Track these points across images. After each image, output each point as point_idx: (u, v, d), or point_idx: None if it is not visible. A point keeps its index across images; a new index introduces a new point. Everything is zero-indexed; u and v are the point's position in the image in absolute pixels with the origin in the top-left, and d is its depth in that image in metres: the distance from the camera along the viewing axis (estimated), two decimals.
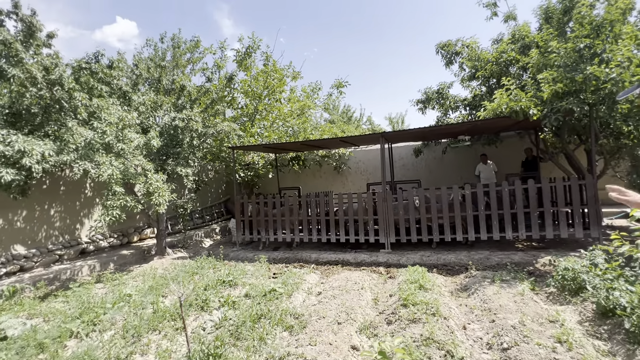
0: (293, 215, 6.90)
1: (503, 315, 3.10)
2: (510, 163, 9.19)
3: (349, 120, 21.91)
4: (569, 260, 3.78)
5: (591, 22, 4.84)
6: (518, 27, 7.15)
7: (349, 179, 11.31)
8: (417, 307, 3.26)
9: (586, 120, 5.36)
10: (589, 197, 5.26)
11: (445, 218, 5.81)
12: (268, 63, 10.36)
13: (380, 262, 5.57)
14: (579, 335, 2.68)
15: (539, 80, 5.08)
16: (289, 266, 5.75)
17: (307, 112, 11.34)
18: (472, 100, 7.74)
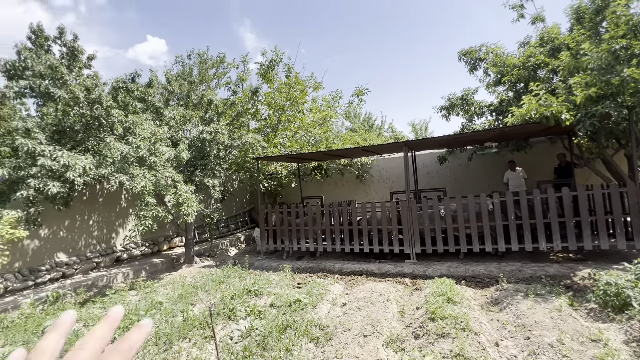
0: (316, 225, 6.94)
1: (539, 332, 2.94)
2: (541, 169, 8.78)
3: (371, 128, 21.83)
4: (612, 274, 3.54)
5: (628, 22, 4.60)
6: (547, 29, 6.92)
7: (372, 188, 11.23)
8: (445, 321, 3.16)
9: (625, 123, 5.05)
10: (631, 205, 4.92)
11: (473, 228, 5.63)
12: (290, 75, 10.60)
13: (406, 273, 5.46)
14: (625, 356, 2.50)
15: (571, 85, 4.86)
16: (312, 276, 5.76)
17: (329, 121, 11.44)
18: (499, 106, 7.52)
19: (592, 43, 4.90)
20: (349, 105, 12.37)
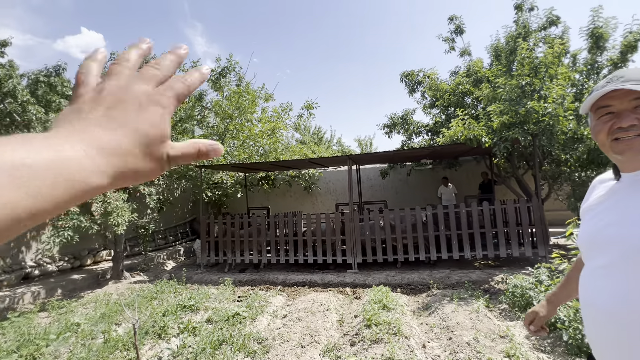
0: (261, 236, 6.82)
1: (459, 332, 3.24)
2: (469, 186, 9.80)
3: (320, 141, 22.34)
4: (519, 277, 4.06)
5: (530, 63, 5.47)
6: (472, 62, 7.89)
7: (319, 199, 11.42)
8: (380, 327, 3.32)
9: (531, 148, 5.93)
10: (535, 218, 5.73)
11: (409, 238, 6.03)
12: (241, 84, 10.47)
13: (347, 283, 5.61)
14: (525, 349, 2.86)
15: (489, 112, 5.59)
16: (255, 288, 5.62)
17: (278, 132, 11.47)
18: (434, 127, 8.29)
19: (506, 78, 5.71)
20: (299, 117, 12.56)
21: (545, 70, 5.35)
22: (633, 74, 0.85)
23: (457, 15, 8.13)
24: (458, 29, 8.17)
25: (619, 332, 0.82)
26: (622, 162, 0.90)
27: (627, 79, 0.85)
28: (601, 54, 6.47)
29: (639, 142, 0.84)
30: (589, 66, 6.41)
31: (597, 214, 0.95)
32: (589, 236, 0.96)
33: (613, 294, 0.84)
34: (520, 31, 7.03)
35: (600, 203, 0.96)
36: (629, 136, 0.85)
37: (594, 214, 0.97)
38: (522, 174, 7.16)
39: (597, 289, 0.90)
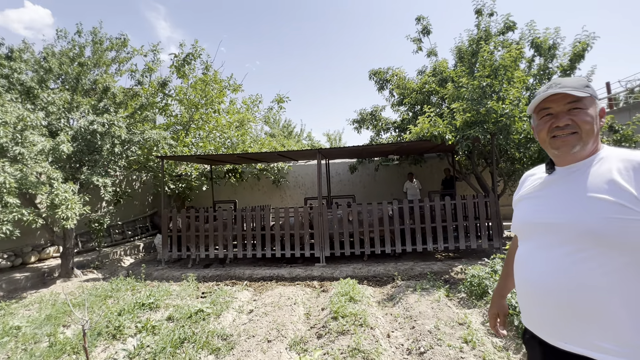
0: (227, 230, 6.62)
1: (422, 321, 3.37)
2: (433, 181, 10.22)
3: (290, 135, 22.14)
4: (476, 268, 4.30)
5: (490, 66, 5.77)
6: (438, 62, 8.16)
7: (288, 193, 11.33)
8: (346, 319, 3.36)
9: (489, 146, 6.29)
10: (492, 212, 6.11)
11: (376, 232, 6.17)
12: (208, 73, 10.02)
13: (315, 276, 5.63)
14: (481, 334, 3.04)
15: (453, 110, 5.83)
16: (220, 284, 5.46)
17: (247, 124, 11.17)
18: (401, 124, 8.50)
19: (468, 78, 5.98)
20: (268, 110, 12.32)
21: (503, 72, 5.67)
22: (568, 81, 1.02)
23: (424, 16, 8.35)
24: (425, 29, 8.41)
25: (556, 303, 0.95)
26: (558, 156, 1.05)
27: (563, 85, 1.00)
28: (552, 61, 6.99)
29: (572, 139, 0.99)
30: (542, 71, 6.90)
31: (534, 202, 1.09)
32: (526, 221, 1.10)
33: (554, 267, 0.96)
34: (482, 35, 7.39)
35: (537, 192, 1.10)
36: (564, 134, 1.01)
37: (530, 202, 1.11)
38: (481, 171, 7.59)
39: (538, 264, 1.01)
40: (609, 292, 0.88)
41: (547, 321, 1.01)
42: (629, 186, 0.89)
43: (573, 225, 0.94)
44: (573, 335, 0.93)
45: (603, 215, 0.89)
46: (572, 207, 0.96)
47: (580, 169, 1.01)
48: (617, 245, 0.88)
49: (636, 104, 9.21)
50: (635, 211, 0.86)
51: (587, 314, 0.90)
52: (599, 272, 0.89)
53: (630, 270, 0.87)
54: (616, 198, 0.89)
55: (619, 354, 0.86)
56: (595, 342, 0.89)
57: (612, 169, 0.94)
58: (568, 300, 0.93)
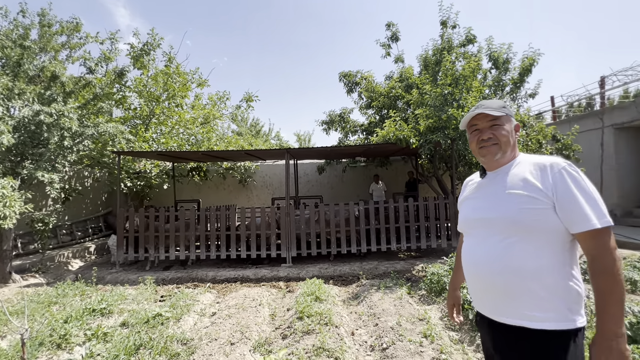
0: (190, 231, 6.36)
1: (385, 318, 3.47)
2: (397, 183, 10.59)
3: (258, 133, 21.78)
4: (435, 266, 4.52)
5: (452, 75, 6.10)
6: (405, 69, 8.46)
7: (254, 193, 11.14)
8: (311, 319, 3.36)
9: (450, 151, 6.64)
10: (451, 213, 6.45)
11: (342, 232, 6.26)
12: (170, 65, 9.53)
13: (281, 277, 5.58)
14: (439, 329, 3.20)
15: (417, 115, 6.08)
16: (180, 287, 5.22)
17: (213, 121, 10.80)
18: (368, 126, 8.71)
19: (432, 86, 6.28)
20: (236, 108, 12.01)
21: (463, 82, 6.02)
22: (490, 103, 1.27)
23: (394, 23, 8.62)
24: (394, 36, 8.68)
25: (493, 284, 1.15)
26: (485, 162, 1.29)
27: (486, 107, 1.25)
28: (504, 73, 7.56)
29: (494, 149, 1.24)
30: (496, 83, 7.43)
31: (472, 202, 1.31)
32: (467, 219, 1.32)
33: (489, 254, 1.17)
34: (445, 45, 7.79)
35: (473, 194, 1.32)
36: (488, 145, 1.25)
37: (469, 202, 1.33)
38: (442, 174, 7.99)
39: (478, 253, 1.22)
40: (530, 270, 1.08)
41: (489, 301, 1.20)
42: (536, 182, 1.11)
43: (500, 218, 1.15)
44: (509, 310, 1.12)
45: (519, 206, 1.10)
46: (498, 203, 1.17)
47: (503, 172, 1.23)
48: (532, 230, 1.08)
49: (575, 116, 10.23)
50: (541, 201, 1.08)
51: (517, 290, 1.09)
52: (522, 254, 1.09)
53: (544, 251, 1.08)
54: (528, 192, 1.11)
55: (543, 318, 1.06)
56: (526, 312, 1.08)
57: (525, 170, 1.16)
58: (501, 280, 1.13)
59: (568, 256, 1.09)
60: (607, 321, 0.98)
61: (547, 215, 1.07)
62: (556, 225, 1.07)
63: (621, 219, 8.59)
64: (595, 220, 1.01)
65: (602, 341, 0.99)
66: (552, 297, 1.06)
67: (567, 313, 1.05)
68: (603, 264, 1.01)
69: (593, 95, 10.38)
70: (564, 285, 1.06)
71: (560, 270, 1.07)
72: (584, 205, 1.03)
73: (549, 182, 1.09)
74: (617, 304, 0.98)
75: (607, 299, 0.99)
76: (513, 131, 1.27)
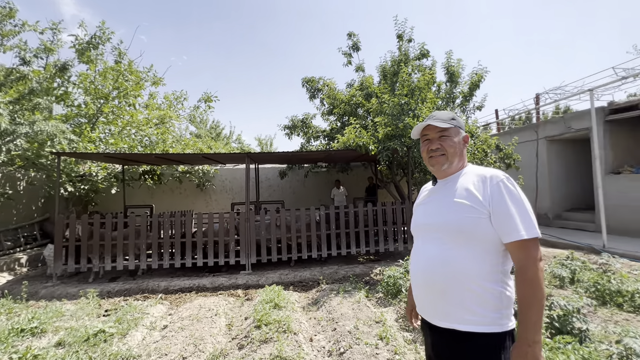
0: (140, 238, 5.95)
1: (343, 322, 3.52)
2: (358, 188, 10.84)
3: (218, 136, 21.10)
4: (392, 269, 4.69)
5: (408, 86, 6.43)
6: (365, 78, 8.75)
7: (213, 198, 10.75)
8: (270, 327, 3.31)
9: (406, 158, 6.97)
10: (407, 218, 6.75)
11: (304, 237, 6.25)
12: (121, 61, 8.93)
13: (240, 284, 5.42)
14: (394, 330, 3.31)
15: (376, 123, 6.30)
16: (128, 299, 4.85)
17: (169, 122, 10.28)
18: (330, 132, 8.84)
19: (390, 96, 6.56)
20: (194, 109, 11.54)
21: (419, 93, 6.38)
22: (441, 115, 1.33)
23: (355, 33, 8.90)
24: (355, 45, 8.96)
25: (434, 289, 1.21)
26: (435, 172, 1.36)
27: (436, 118, 1.32)
28: (456, 87, 8.13)
29: (441, 159, 1.31)
30: (448, 95, 7.96)
31: (423, 207, 1.38)
32: (417, 224, 1.38)
33: (429, 258, 1.24)
34: (402, 57, 8.20)
35: (425, 200, 1.40)
36: (436, 155, 1.32)
37: (421, 208, 1.40)
38: (399, 180, 8.34)
39: (421, 256, 1.32)
40: (466, 275, 1.14)
41: (428, 304, 1.25)
42: (477, 193, 1.18)
43: (443, 224, 1.22)
44: (446, 314, 1.18)
45: (461, 215, 1.17)
46: (444, 210, 1.24)
47: (451, 181, 1.30)
48: (471, 238, 1.16)
49: (516, 128, 11.28)
50: (480, 211, 1.15)
51: (453, 294, 1.16)
52: (459, 260, 1.16)
53: (480, 258, 1.15)
54: (470, 202, 1.18)
55: (477, 322, 1.12)
56: (462, 316, 1.15)
57: (469, 181, 1.24)
58: (439, 284, 1.19)
59: (501, 264, 1.16)
60: (527, 329, 1.05)
61: (484, 224, 1.14)
62: (491, 235, 1.14)
63: (553, 222, 9.59)
64: (524, 232, 1.09)
65: (520, 346, 1.06)
66: (485, 302, 1.12)
67: (498, 317, 1.12)
68: (528, 274, 1.08)
69: (530, 110, 11.54)
70: (497, 291, 1.13)
71: (494, 276, 1.14)
72: (515, 217, 1.10)
73: (488, 194, 1.16)
74: (537, 312, 1.05)
75: (529, 307, 1.06)
76: (461, 142, 1.32)
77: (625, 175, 7.71)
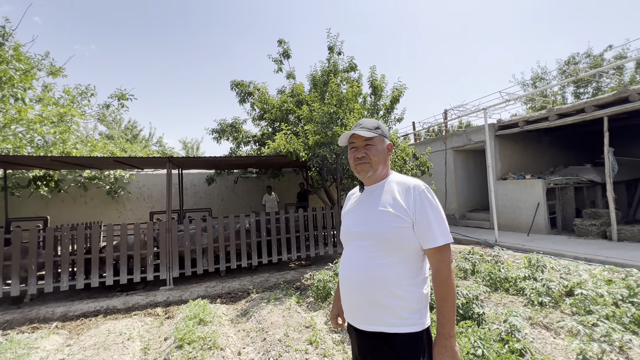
0: (28, 257, 4.96)
1: (273, 331, 3.45)
2: (290, 194, 10.86)
3: (135, 138, 18.99)
4: (322, 273, 4.80)
5: (337, 96, 6.74)
6: (296, 85, 8.88)
7: (128, 207, 9.60)
8: (193, 345, 3.07)
9: (335, 165, 7.25)
10: (336, 222, 7.00)
11: (232, 246, 5.99)
12: (4, 44, 7.41)
13: (159, 302, 4.92)
14: (324, 334, 3.38)
15: (307, 131, 6.43)
16: (10, 333, 3.99)
17: (71, 120, 8.85)
18: (261, 138, 8.71)
19: (320, 104, 6.77)
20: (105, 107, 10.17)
21: (346, 104, 6.72)
22: (367, 123, 1.37)
23: (285, 40, 8.98)
24: (285, 53, 9.03)
25: (359, 294, 1.25)
26: (361, 178, 1.40)
27: (362, 126, 1.35)
28: (379, 99, 8.81)
29: (366, 166, 1.34)
30: (372, 107, 8.57)
31: (351, 215, 1.41)
32: (345, 231, 1.41)
33: (357, 265, 1.28)
34: (332, 68, 8.57)
35: (353, 208, 1.42)
36: (361, 162, 1.35)
37: (349, 215, 1.43)
38: (329, 186, 8.63)
39: (349, 264, 1.32)
40: (391, 280, 1.21)
41: (355, 310, 1.29)
42: (402, 202, 1.24)
43: (371, 232, 1.26)
44: (372, 318, 1.23)
45: (388, 223, 1.23)
46: (371, 219, 1.29)
47: (377, 189, 1.34)
48: (396, 246, 1.22)
49: (429, 139, 12.71)
50: (404, 220, 1.22)
51: (379, 298, 1.21)
52: (385, 267, 1.22)
53: (404, 264, 1.22)
54: (395, 211, 1.23)
55: (401, 324, 1.19)
56: (387, 319, 1.21)
57: (395, 190, 1.29)
58: (365, 289, 1.24)
59: (421, 268, 1.25)
60: (444, 324, 1.16)
61: (408, 233, 1.21)
62: (413, 242, 1.22)
63: (459, 221, 11.02)
64: (441, 239, 1.19)
65: (440, 340, 1.17)
66: (408, 305, 1.20)
67: (418, 317, 1.21)
68: (442, 275, 1.19)
69: (440, 124, 13.15)
70: (418, 293, 1.22)
71: (415, 280, 1.22)
72: (434, 226, 1.20)
73: (411, 203, 1.23)
74: (451, 309, 1.17)
75: (444, 305, 1.18)
76: (385, 150, 1.37)
77: (510, 180, 9.31)
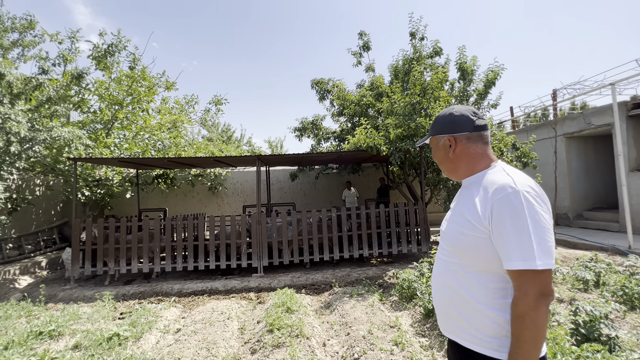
0: (154, 242, 6.02)
1: (356, 327, 3.44)
2: (369, 190, 10.73)
3: (229, 139, 21.33)
4: (406, 272, 4.58)
5: (421, 85, 6.31)
6: (375, 78, 8.66)
7: (225, 201, 10.83)
8: (282, 331, 3.26)
9: (418, 158, 6.84)
10: (420, 219, 6.61)
11: (315, 239, 6.20)
12: (136, 67, 9.10)
13: (252, 288, 5.41)
14: (410, 336, 3.22)
15: (387, 124, 6.21)
16: (143, 302, 4.90)
17: (181, 126, 10.41)
18: (340, 133, 8.78)
19: (402, 95, 6.45)
20: (205, 112, 11.67)
21: (431, 92, 6.25)
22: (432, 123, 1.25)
23: (366, 32, 8.81)
24: (365, 45, 8.87)
25: (438, 301, 1.17)
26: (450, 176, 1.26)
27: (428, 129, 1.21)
28: (469, 84, 7.93)
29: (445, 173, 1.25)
30: (462, 93, 7.78)
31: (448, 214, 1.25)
32: (441, 230, 1.26)
33: (435, 266, 1.20)
34: (414, 56, 8.07)
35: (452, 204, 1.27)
36: None
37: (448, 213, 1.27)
38: (412, 181, 8.20)
39: (435, 267, 1.24)
40: (462, 293, 1.06)
41: (439, 316, 1.19)
42: (479, 206, 1.02)
43: (445, 234, 1.16)
44: (452, 328, 1.11)
45: (459, 228, 1.08)
46: (451, 219, 1.16)
47: (469, 186, 1.15)
48: (468, 255, 1.05)
49: (532, 126, 10.96)
50: (477, 228, 1.01)
51: (454, 309, 1.08)
52: (459, 279, 1.08)
53: (479, 278, 1.03)
54: (469, 216, 1.04)
55: (477, 342, 1.03)
56: (463, 334, 1.06)
57: (478, 192, 1.06)
58: (442, 298, 1.13)
59: (503, 289, 1.00)
60: None
61: (482, 243, 1.00)
62: (490, 256, 0.99)
63: (573, 222, 9.24)
64: (519, 261, 0.91)
65: None
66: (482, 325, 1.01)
67: (498, 344, 1.00)
68: (517, 309, 0.93)
69: (547, 107, 11.18)
70: (498, 316, 1.00)
71: (492, 301, 1.01)
72: (511, 242, 0.93)
73: (488, 209, 0.99)
74: (526, 354, 0.91)
75: (517, 346, 0.93)
76: (447, 148, 1.17)
77: None
